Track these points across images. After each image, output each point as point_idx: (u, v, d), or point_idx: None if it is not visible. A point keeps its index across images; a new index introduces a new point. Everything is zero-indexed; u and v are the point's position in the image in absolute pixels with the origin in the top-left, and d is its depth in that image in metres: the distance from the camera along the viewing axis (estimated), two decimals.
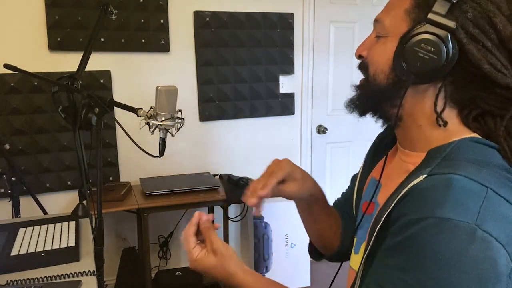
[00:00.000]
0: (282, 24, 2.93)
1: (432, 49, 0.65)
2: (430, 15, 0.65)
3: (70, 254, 1.24)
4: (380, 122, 0.81)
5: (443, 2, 0.64)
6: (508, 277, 0.57)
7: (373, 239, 0.68)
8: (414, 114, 0.73)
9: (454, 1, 0.64)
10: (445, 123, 0.69)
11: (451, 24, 0.64)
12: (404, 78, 0.69)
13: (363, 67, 0.78)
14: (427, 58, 0.65)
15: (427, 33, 0.65)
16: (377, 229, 0.67)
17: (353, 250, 0.86)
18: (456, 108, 0.70)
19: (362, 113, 0.79)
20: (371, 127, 0.91)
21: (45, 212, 2.18)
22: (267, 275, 2.91)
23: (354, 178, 0.99)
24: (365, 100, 0.78)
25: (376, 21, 0.75)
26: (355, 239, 0.86)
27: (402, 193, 0.64)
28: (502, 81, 0.65)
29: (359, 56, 0.80)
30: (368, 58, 0.77)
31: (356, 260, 0.81)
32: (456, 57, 0.65)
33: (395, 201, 0.65)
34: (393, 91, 0.72)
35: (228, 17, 2.78)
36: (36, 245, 1.28)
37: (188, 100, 2.78)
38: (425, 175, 0.62)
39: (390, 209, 0.65)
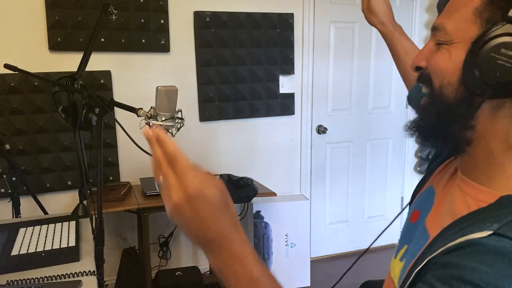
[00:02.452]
0: (282, 24, 2.93)
1: None
2: None
3: (70, 254, 1.24)
4: (446, 148, 0.69)
5: None
6: None
7: (412, 277, 0.62)
8: (487, 136, 0.60)
9: None
10: None
11: None
12: (478, 91, 0.57)
13: (424, 79, 0.66)
14: (509, 65, 0.54)
15: (508, 35, 0.54)
16: (416, 270, 0.61)
17: (394, 254, 0.82)
18: None
19: (425, 138, 0.68)
20: (371, 127, 0.90)
21: (45, 212, 2.18)
22: None
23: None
24: (430, 121, 0.65)
25: (435, 28, 0.63)
26: (398, 243, 0.82)
27: (456, 241, 0.54)
28: None
29: (417, 68, 0.67)
30: (429, 68, 0.64)
31: (395, 264, 0.79)
32: None
33: (446, 246, 0.56)
34: (463, 108, 0.60)
35: (228, 17, 2.78)
36: (36, 245, 1.28)
37: (188, 100, 2.78)
38: (491, 232, 0.52)
39: (435, 254, 0.57)
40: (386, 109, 3.30)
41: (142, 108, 1.38)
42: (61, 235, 1.36)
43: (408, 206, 0.87)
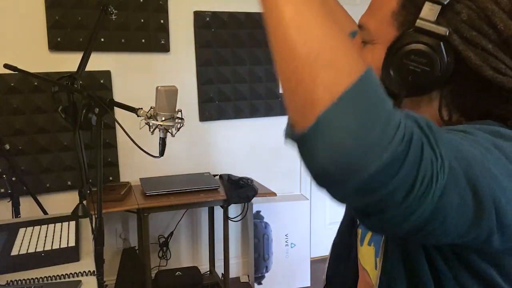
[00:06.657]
0: None
1: (424, 60, 0.57)
2: (418, 22, 0.57)
3: (70, 254, 1.24)
4: None
5: (432, 5, 0.57)
6: None
7: None
8: None
9: (445, 3, 0.56)
10: None
11: (442, 31, 0.56)
12: (396, 91, 0.61)
13: None
14: (419, 70, 0.58)
15: (416, 43, 0.58)
16: None
17: (358, 242, 0.81)
18: (461, 115, 0.63)
19: None
20: None
21: (45, 212, 2.18)
22: (267, 275, 2.91)
23: None
24: None
25: (360, 26, 0.67)
26: (359, 231, 0.81)
27: None
28: (509, 85, 0.57)
29: None
30: None
31: (364, 251, 0.78)
32: (452, 65, 0.57)
33: None
34: None
35: (228, 17, 2.78)
36: (36, 245, 1.28)
37: (188, 100, 2.78)
38: None
39: None
40: None
41: (142, 108, 1.38)
42: (61, 235, 1.36)
43: None
